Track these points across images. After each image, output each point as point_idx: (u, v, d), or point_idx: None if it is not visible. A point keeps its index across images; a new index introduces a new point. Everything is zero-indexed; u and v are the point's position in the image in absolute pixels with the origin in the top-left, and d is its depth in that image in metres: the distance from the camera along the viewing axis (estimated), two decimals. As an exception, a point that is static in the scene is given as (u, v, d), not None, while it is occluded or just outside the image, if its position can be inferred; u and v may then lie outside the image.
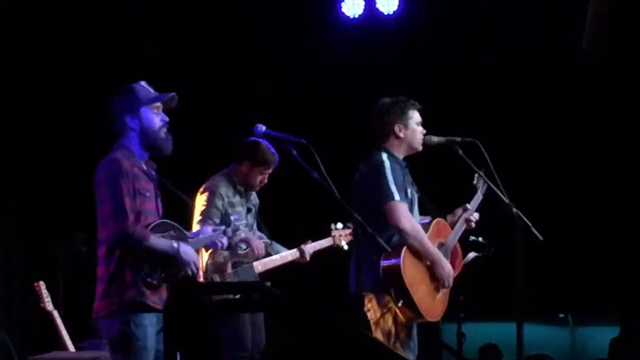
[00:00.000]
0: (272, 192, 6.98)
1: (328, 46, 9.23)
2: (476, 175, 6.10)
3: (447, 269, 5.84)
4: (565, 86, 8.90)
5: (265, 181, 6.85)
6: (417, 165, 6.08)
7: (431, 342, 8.13)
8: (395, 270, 5.62)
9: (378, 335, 5.66)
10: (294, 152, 5.29)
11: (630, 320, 8.70)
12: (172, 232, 5.15)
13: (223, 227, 5.70)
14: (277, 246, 6.98)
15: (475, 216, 6.11)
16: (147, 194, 5.11)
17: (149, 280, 4.99)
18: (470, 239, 6.16)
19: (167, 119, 5.21)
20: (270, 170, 6.81)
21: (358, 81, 9.08)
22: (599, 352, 8.88)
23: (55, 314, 6.94)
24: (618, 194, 9.03)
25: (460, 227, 6.04)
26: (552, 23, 8.70)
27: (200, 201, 6.62)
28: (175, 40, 9.10)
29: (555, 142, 9.15)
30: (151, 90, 5.25)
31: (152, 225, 5.05)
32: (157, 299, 5.02)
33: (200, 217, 6.51)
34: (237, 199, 6.75)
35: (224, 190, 6.69)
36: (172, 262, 5.08)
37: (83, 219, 8.40)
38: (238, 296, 5.53)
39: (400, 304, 5.65)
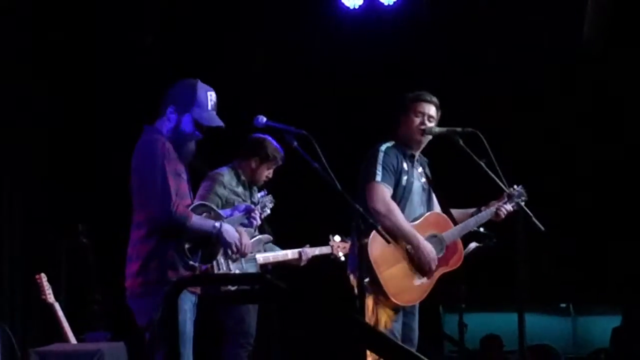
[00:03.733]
0: (273, 191, 6.99)
1: (328, 37, 9.22)
2: (514, 187, 6.10)
3: (427, 253, 5.85)
4: (566, 79, 8.91)
5: (270, 176, 6.98)
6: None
7: (433, 333, 8.16)
8: (364, 247, 5.60)
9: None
10: (295, 143, 5.29)
11: (632, 310, 8.71)
12: (208, 214, 5.19)
13: (254, 205, 5.73)
14: (275, 248, 7.03)
15: (508, 207, 6.08)
16: (182, 175, 5.12)
17: (190, 262, 5.00)
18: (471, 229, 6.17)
19: (201, 137, 5.18)
20: (276, 166, 6.95)
21: (358, 72, 9.07)
22: (601, 341, 8.89)
23: (57, 306, 6.93)
24: (619, 182, 9.04)
25: (468, 225, 6.04)
26: (553, 13, 8.69)
27: (202, 187, 6.70)
28: (174, 31, 9.09)
29: (556, 138, 9.15)
30: (210, 104, 5.17)
31: (191, 207, 5.08)
32: None
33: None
34: (240, 189, 6.85)
35: (227, 179, 6.80)
36: (212, 243, 5.10)
37: (85, 211, 8.47)
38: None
39: (366, 281, 5.68)
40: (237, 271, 6.50)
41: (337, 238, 7.19)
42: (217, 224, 5.11)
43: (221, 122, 5.20)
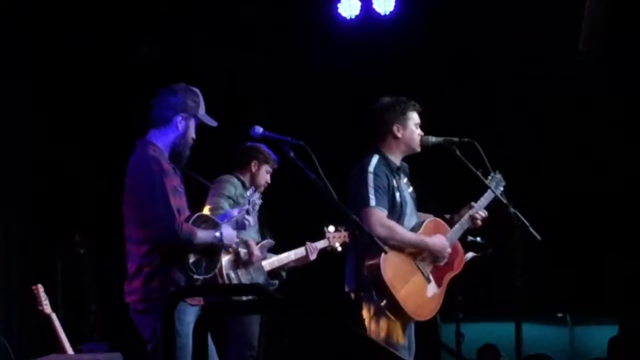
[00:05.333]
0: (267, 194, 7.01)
1: (324, 47, 9.23)
2: (491, 174, 6.09)
3: (439, 245, 5.84)
4: (563, 86, 8.90)
5: (269, 181, 7.02)
6: (422, 164, 6.09)
7: (430, 343, 8.15)
8: (375, 269, 5.63)
9: (371, 334, 5.68)
10: (292, 154, 5.30)
11: (629, 320, 8.70)
12: (207, 224, 5.20)
13: (246, 207, 5.76)
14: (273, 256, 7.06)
15: (482, 214, 6.06)
16: (180, 190, 5.13)
17: (195, 276, 5.00)
18: (468, 239, 6.16)
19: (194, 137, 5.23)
20: (273, 169, 7.02)
21: (354, 82, 9.07)
22: (598, 351, 8.88)
23: (54, 317, 6.91)
24: (614, 192, 9.03)
25: (463, 226, 6.02)
26: (549, 23, 8.70)
27: (213, 188, 6.77)
28: (173, 42, 9.10)
29: (554, 142, 9.15)
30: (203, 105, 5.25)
31: (191, 220, 5.08)
32: None
33: (210, 205, 6.57)
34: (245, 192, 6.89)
35: (235, 181, 6.88)
36: (214, 252, 5.13)
37: (82, 222, 8.46)
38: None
39: (383, 303, 5.66)
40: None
41: (332, 228, 7.22)
42: (218, 234, 5.12)
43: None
